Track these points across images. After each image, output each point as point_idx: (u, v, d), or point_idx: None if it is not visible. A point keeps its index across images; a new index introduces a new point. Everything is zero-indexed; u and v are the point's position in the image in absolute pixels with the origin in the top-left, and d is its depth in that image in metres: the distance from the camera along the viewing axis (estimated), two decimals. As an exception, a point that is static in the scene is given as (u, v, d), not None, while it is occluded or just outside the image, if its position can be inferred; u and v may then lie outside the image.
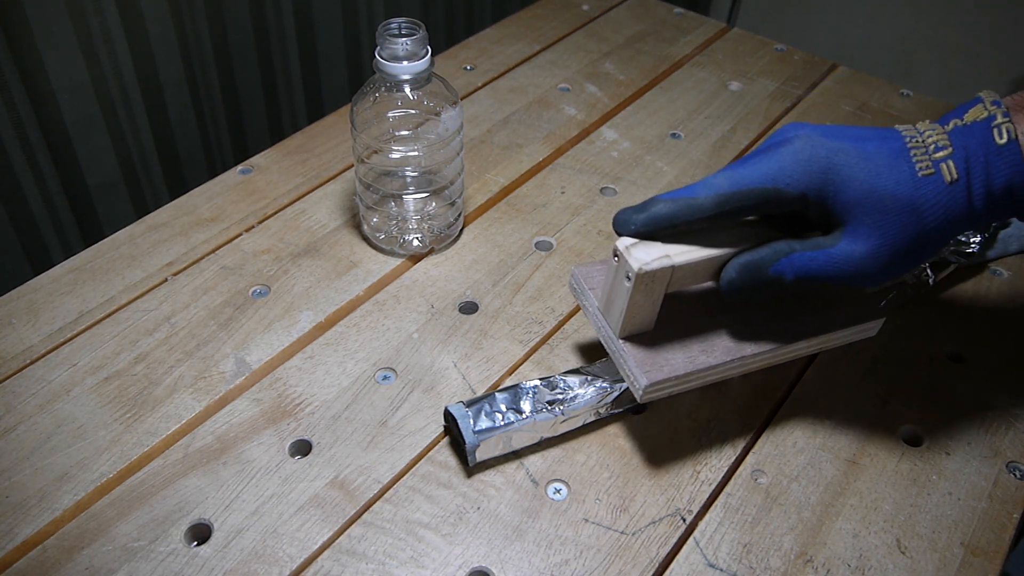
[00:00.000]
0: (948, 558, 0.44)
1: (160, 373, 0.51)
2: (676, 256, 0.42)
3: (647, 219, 0.42)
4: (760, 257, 0.42)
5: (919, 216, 0.40)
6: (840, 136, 0.42)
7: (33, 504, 0.45)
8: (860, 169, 0.40)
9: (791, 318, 0.47)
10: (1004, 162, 0.38)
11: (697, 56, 0.84)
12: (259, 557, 0.43)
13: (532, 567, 0.43)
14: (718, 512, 0.46)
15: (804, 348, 0.47)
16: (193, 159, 0.92)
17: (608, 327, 0.46)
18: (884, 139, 0.41)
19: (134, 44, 0.80)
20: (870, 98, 0.79)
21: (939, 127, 0.41)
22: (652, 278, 0.42)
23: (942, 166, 0.39)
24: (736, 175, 0.42)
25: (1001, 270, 0.61)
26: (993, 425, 0.51)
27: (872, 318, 0.48)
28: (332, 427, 0.49)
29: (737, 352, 0.45)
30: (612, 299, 0.44)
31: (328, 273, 0.59)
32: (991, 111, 0.40)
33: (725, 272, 0.43)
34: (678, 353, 0.45)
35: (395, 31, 0.52)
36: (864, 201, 0.40)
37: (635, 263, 0.41)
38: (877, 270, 0.41)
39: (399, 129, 0.57)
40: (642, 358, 0.44)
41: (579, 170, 0.69)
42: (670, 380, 0.44)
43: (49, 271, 0.58)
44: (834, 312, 0.48)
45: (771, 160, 0.41)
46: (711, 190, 0.41)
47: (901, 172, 0.40)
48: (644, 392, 0.43)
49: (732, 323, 0.47)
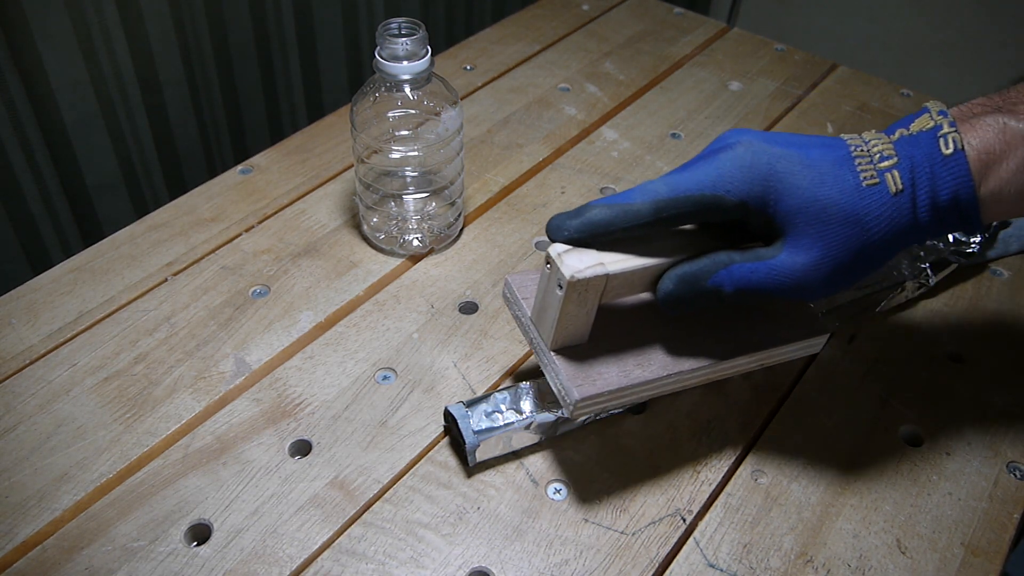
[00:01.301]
0: (948, 558, 0.44)
1: (160, 373, 0.51)
2: (611, 264, 0.40)
3: (581, 224, 0.40)
4: (698, 268, 0.40)
5: (863, 227, 0.38)
6: (783, 143, 0.40)
7: (33, 504, 0.45)
8: (802, 176, 0.39)
9: (732, 332, 0.45)
10: (950, 173, 0.38)
11: (697, 56, 0.84)
12: (259, 557, 0.43)
13: (532, 567, 0.43)
14: (718, 512, 0.46)
15: (745, 364, 0.45)
16: (193, 159, 0.92)
17: (540, 338, 0.43)
18: (828, 147, 0.40)
19: (134, 43, 0.80)
20: (870, 98, 0.79)
21: (885, 136, 0.40)
22: (585, 287, 0.40)
23: (887, 176, 0.38)
24: (675, 181, 0.40)
25: (1001, 270, 0.61)
26: (993, 425, 0.50)
27: (816, 334, 0.46)
28: (332, 427, 0.49)
29: (674, 367, 0.43)
30: (544, 309, 0.42)
31: (328, 273, 0.59)
32: (937, 121, 0.39)
33: (662, 283, 0.41)
34: (612, 367, 0.43)
35: (395, 31, 0.52)
36: (806, 210, 0.39)
37: (567, 270, 0.39)
38: (819, 283, 0.39)
39: (399, 129, 0.57)
40: (574, 372, 0.42)
41: (579, 170, 0.69)
42: (603, 395, 0.42)
43: (49, 271, 0.58)
44: (777, 327, 0.46)
45: (711, 166, 0.40)
46: (648, 196, 0.40)
47: (845, 181, 0.39)
48: (575, 407, 0.41)
49: (670, 336, 0.45)
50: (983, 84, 1.43)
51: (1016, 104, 0.38)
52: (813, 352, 0.48)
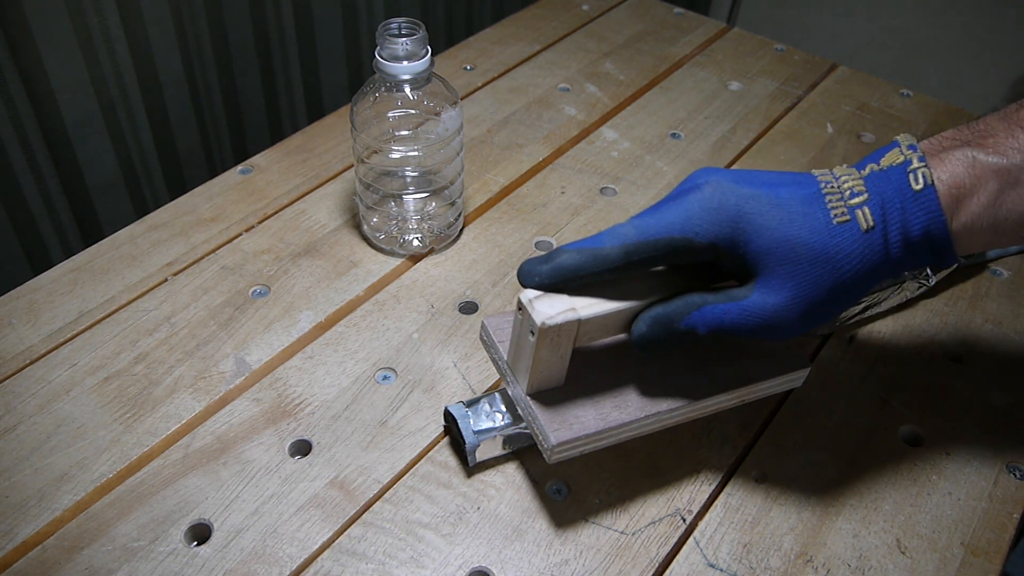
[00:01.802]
0: (948, 558, 0.44)
1: (160, 373, 0.51)
2: (583, 309, 0.39)
3: (552, 271, 0.40)
4: (671, 310, 0.40)
5: (834, 265, 0.38)
6: (752, 182, 0.40)
7: (33, 504, 0.45)
8: (771, 217, 0.39)
9: (711, 370, 0.45)
10: (921, 209, 0.37)
11: (697, 56, 0.84)
12: (259, 557, 0.43)
13: (532, 567, 0.43)
14: (718, 512, 0.46)
15: (725, 401, 0.45)
16: (193, 159, 0.92)
17: (516, 383, 0.43)
18: (798, 184, 0.40)
19: (134, 44, 0.80)
20: (870, 98, 0.79)
21: (856, 172, 0.39)
22: (558, 332, 0.39)
23: (858, 213, 0.38)
24: (644, 224, 0.40)
25: (1001, 270, 0.61)
26: (993, 425, 0.51)
27: (796, 368, 0.46)
28: (332, 427, 0.49)
29: (652, 408, 0.43)
30: (518, 354, 0.42)
31: (328, 273, 0.59)
32: (907, 156, 0.38)
33: (636, 326, 0.41)
34: (589, 410, 0.42)
35: (395, 31, 0.52)
36: (776, 250, 0.38)
37: (538, 317, 0.38)
38: (792, 322, 0.39)
39: (399, 129, 0.57)
40: (551, 416, 0.42)
41: (579, 170, 0.69)
42: (580, 439, 0.41)
43: (49, 271, 0.58)
44: (757, 362, 0.45)
45: (680, 208, 0.40)
46: (618, 240, 0.39)
47: (815, 219, 0.38)
48: (552, 452, 0.41)
49: (647, 377, 0.44)
50: (983, 84, 1.43)
51: (985, 137, 0.38)
52: (795, 386, 0.47)
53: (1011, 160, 0.37)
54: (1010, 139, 0.38)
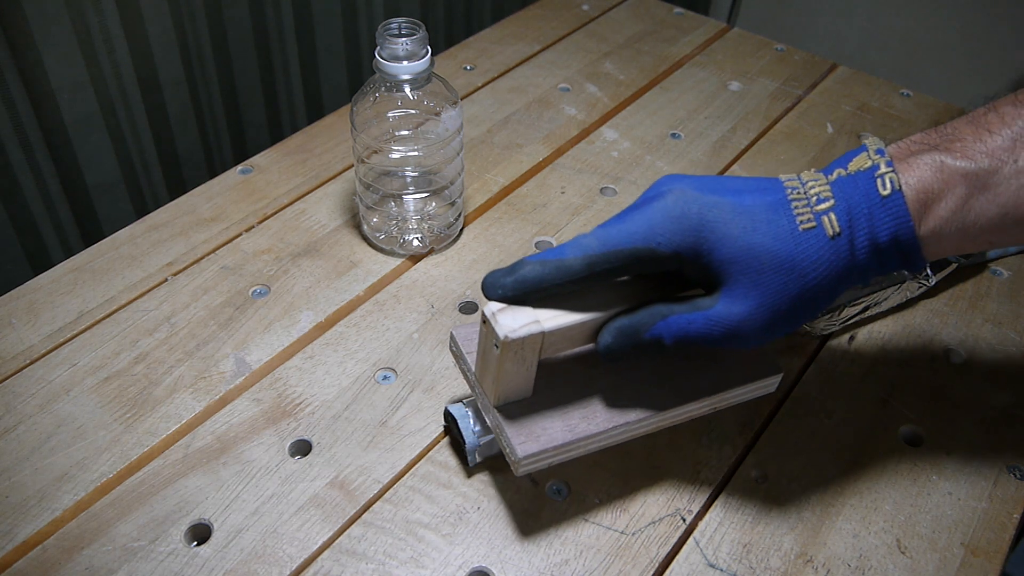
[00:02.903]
0: (948, 558, 0.44)
1: (160, 373, 0.51)
2: (546, 321, 0.39)
3: (514, 283, 0.39)
4: (636, 321, 0.40)
5: (799, 272, 0.37)
6: (716, 190, 0.39)
7: (33, 504, 0.45)
8: (735, 225, 0.38)
9: (681, 378, 0.44)
10: (888, 214, 0.37)
11: (697, 56, 0.84)
12: (259, 557, 0.43)
13: (532, 567, 0.43)
14: (718, 512, 0.46)
15: (695, 410, 0.44)
16: (193, 159, 0.92)
17: (484, 394, 0.43)
18: (763, 191, 0.39)
19: (134, 44, 0.80)
20: (870, 98, 0.79)
21: (823, 177, 0.39)
22: (521, 345, 0.39)
23: (824, 219, 0.37)
24: (606, 235, 0.39)
25: (1001, 270, 0.61)
26: (993, 425, 0.51)
27: (769, 374, 0.45)
28: (332, 427, 0.49)
29: (620, 419, 0.42)
30: (485, 366, 0.41)
31: (328, 273, 0.59)
32: (875, 160, 0.38)
33: (601, 337, 0.40)
34: (557, 421, 0.42)
35: (395, 31, 0.52)
36: (740, 259, 0.38)
37: (501, 330, 0.38)
38: (757, 331, 0.39)
39: (399, 129, 0.57)
40: (517, 429, 0.41)
41: (579, 170, 0.69)
42: (547, 451, 0.41)
43: (49, 271, 0.58)
44: (729, 370, 0.45)
45: (642, 217, 0.39)
46: (580, 251, 0.39)
47: (779, 227, 0.38)
48: (519, 464, 0.41)
49: (616, 386, 0.44)
50: (983, 84, 1.43)
51: (952, 142, 0.38)
52: (768, 392, 0.46)
53: (979, 164, 0.37)
54: (978, 143, 0.37)
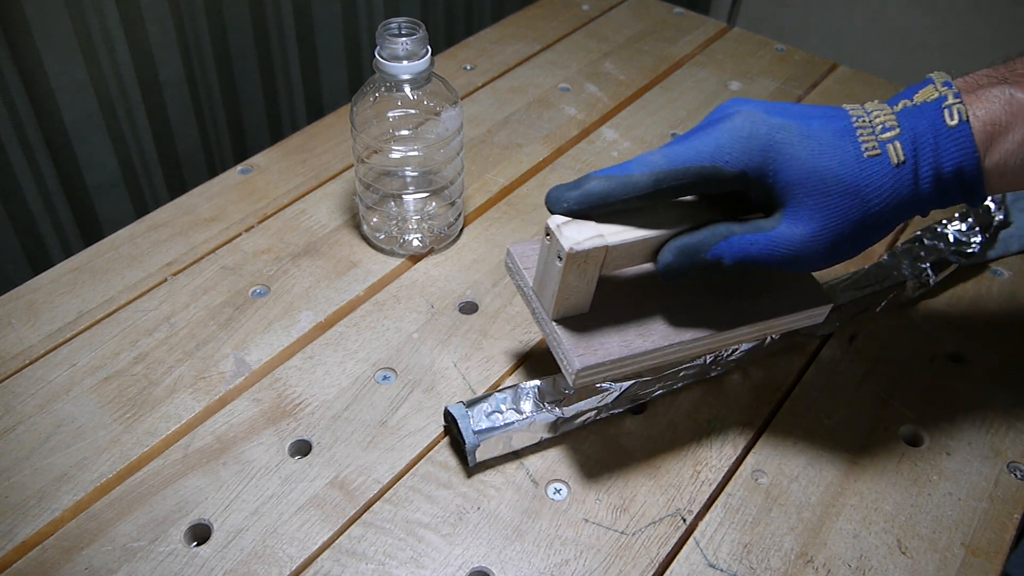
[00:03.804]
0: (949, 558, 0.44)
1: (160, 373, 0.51)
2: (610, 236, 0.40)
3: (580, 196, 0.40)
4: (698, 240, 0.40)
5: (863, 198, 0.38)
6: (783, 113, 0.40)
7: (33, 504, 0.45)
8: (802, 147, 0.38)
9: (734, 302, 0.45)
10: (954, 144, 0.37)
11: (697, 56, 0.84)
12: (259, 557, 0.43)
13: (532, 567, 0.43)
14: (718, 512, 0.46)
15: (747, 333, 0.45)
16: (193, 159, 0.92)
17: (542, 308, 0.44)
18: (829, 117, 0.39)
19: (134, 44, 0.80)
20: (870, 98, 0.78)
21: (887, 107, 0.39)
22: (585, 258, 0.40)
23: (889, 147, 0.38)
24: (673, 152, 0.40)
25: (1001, 270, 0.61)
26: (993, 425, 0.50)
27: (818, 303, 0.46)
28: (332, 427, 0.49)
29: (675, 337, 0.43)
30: (545, 280, 0.42)
31: (328, 273, 0.59)
32: (942, 92, 0.38)
33: (662, 255, 0.41)
34: (613, 337, 0.43)
35: (395, 31, 0.52)
36: (805, 181, 0.38)
37: (566, 242, 0.39)
38: (819, 254, 0.39)
39: (399, 129, 0.57)
40: (575, 341, 0.42)
41: (579, 170, 0.69)
42: (604, 364, 0.42)
43: (49, 271, 0.58)
44: (780, 297, 0.45)
45: (709, 137, 0.39)
46: (647, 167, 0.39)
47: (845, 152, 0.38)
48: (576, 376, 0.42)
49: (671, 307, 0.44)
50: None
51: (1022, 76, 0.38)
52: (816, 322, 0.47)
53: None
54: None
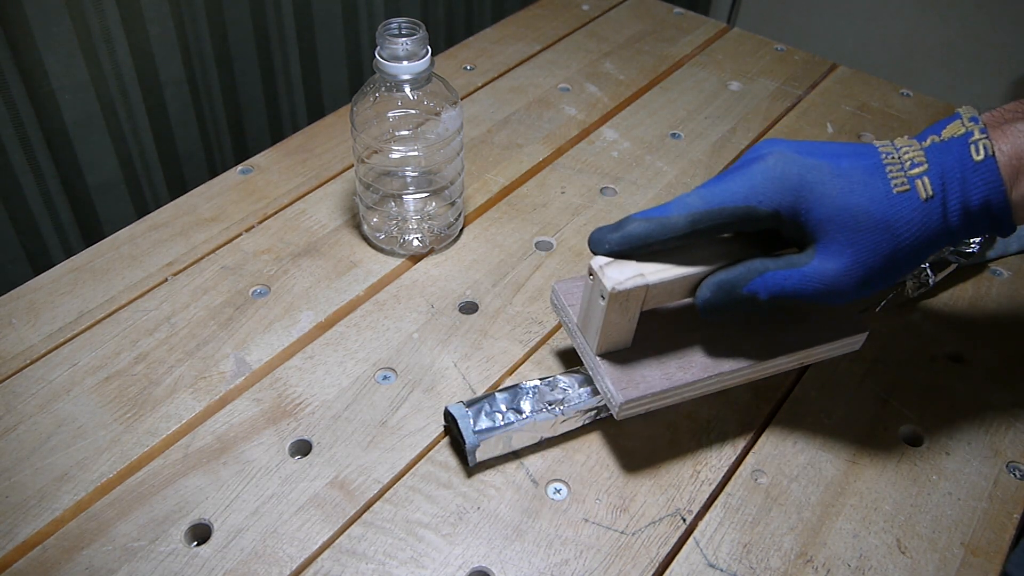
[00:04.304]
0: (948, 558, 0.44)
1: (160, 373, 0.51)
2: (650, 275, 0.42)
3: (621, 238, 0.42)
4: (734, 276, 0.42)
5: (893, 233, 0.39)
6: (814, 153, 0.41)
7: (33, 504, 0.45)
8: (833, 186, 0.40)
9: (771, 333, 0.47)
10: (981, 179, 0.38)
11: (697, 56, 0.84)
12: (259, 557, 0.43)
13: (532, 567, 0.43)
14: (718, 512, 0.46)
15: (784, 363, 0.47)
16: (193, 159, 0.92)
17: (586, 344, 0.46)
18: (859, 155, 0.41)
19: (134, 44, 0.80)
20: (870, 98, 0.79)
21: (916, 143, 0.40)
22: (626, 297, 0.42)
23: (917, 183, 0.39)
24: (709, 194, 0.41)
25: (1001, 270, 0.61)
26: (993, 425, 0.51)
27: (855, 332, 0.48)
28: (332, 427, 0.49)
29: (715, 368, 0.45)
30: (589, 316, 0.44)
31: (328, 273, 0.59)
32: (968, 127, 0.39)
33: (700, 291, 0.43)
34: (655, 370, 0.45)
35: (395, 31, 0.52)
36: (837, 218, 0.40)
37: (608, 282, 0.41)
38: (851, 288, 0.41)
39: (399, 129, 0.57)
40: (618, 375, 0.44)
41: (579, 170, 0.69)
42: (646, 397, 0.44)
43: (49, 271, 0.58)
44: (816, 327, 0.47)
45: (744, 178, 0.41)
46: (684, 209, 0.41)
47: (875, 189, 0.40)
48: (620, 409, 0.43)
49: (710, 339, 0.46)
50: (983, 84, 1.43)
51: None
52: (852, 350, 0.49)
53: None
54: None
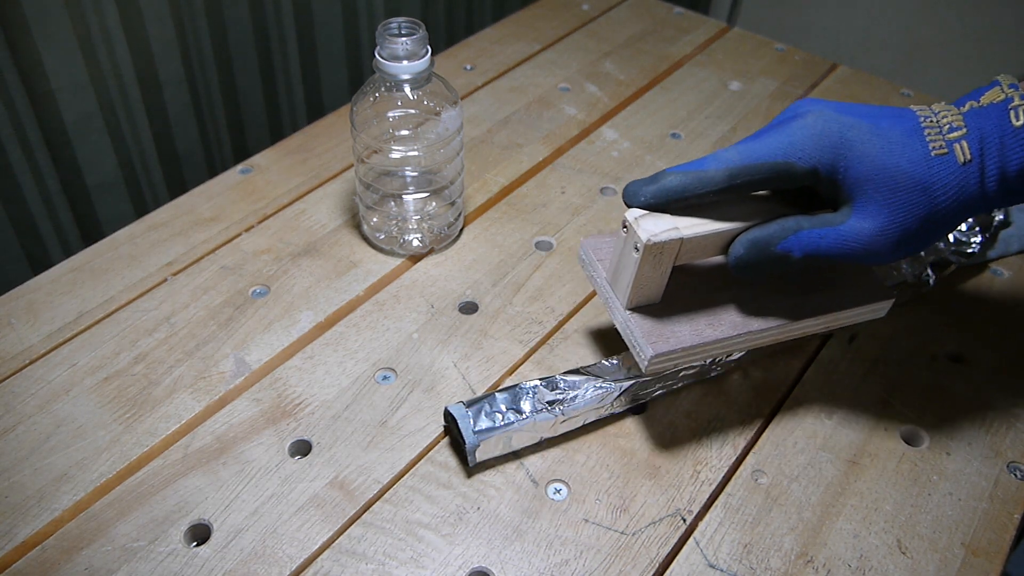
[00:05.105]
0: (949, 558, 0.44)
1: (160, 373, 0.51)
2: (685, 229, 0.42)
3: (657, 191, 0.42)
4: (768, 233, 0.42)
5: (930, 195, 0.39)
6: (854, 112, 0.41)
7: (33, 504, 0.45)
8: (872, 145, 0.40)
9: (800, 295, 0.47)
10: (1020, 144, 0.38)
11: (697, 56, 0.84)
12: (259, 557, 0.43)
13: (532, 567, 0.43)
14: (718, 512, 0.46)
15: (811, 326, 0.47)
16: (193, 159, 0.92)
17: (616, 298, 0.46)
18: (898, 117, 0.41)
19: (134, 43, 0.80)
20: (870, 98, 0.79)
21: (954, 108, 0.41)
22: (660, 250, 0.42)
23: (955, 147, 0.39)
24: (747, 149, 0.41)
25: (1001, 270, 0.61)
26: (993, 425, 0.50)
27: (882, 298, 0.48)
28: (332, 427, 0.49)
29: (744, 327, 0.45)
30: (620, 270, 0.45)
31: (328, 273, 0.59)
32: (1008, 93, 0.39)
33: (733, 247, 0.43)
34: (684, 326, 0.45)
35: (395, 31, 0.52)
36: (875, 177, 0.40)
37: (644, 234, 0.41)
38: (886, 248, 0.41)
39: (399, 129, 0.57)
40: (648, 329, 0.44)
41: (579, 170, 0.69)
42: (676, 352, 0.44)
43: (49, 271, 0.58)
44: (844, 291, 0.47)
45: (783, 134, 0.41)
46: (722, 163, 0.41)
47: (914, 150, 0.40)
48: (649, 362, 0.44)
49: (740, 298, 0.47)
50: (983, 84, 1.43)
51: None
52: (877, 316, 0.49)
53: None
54: None
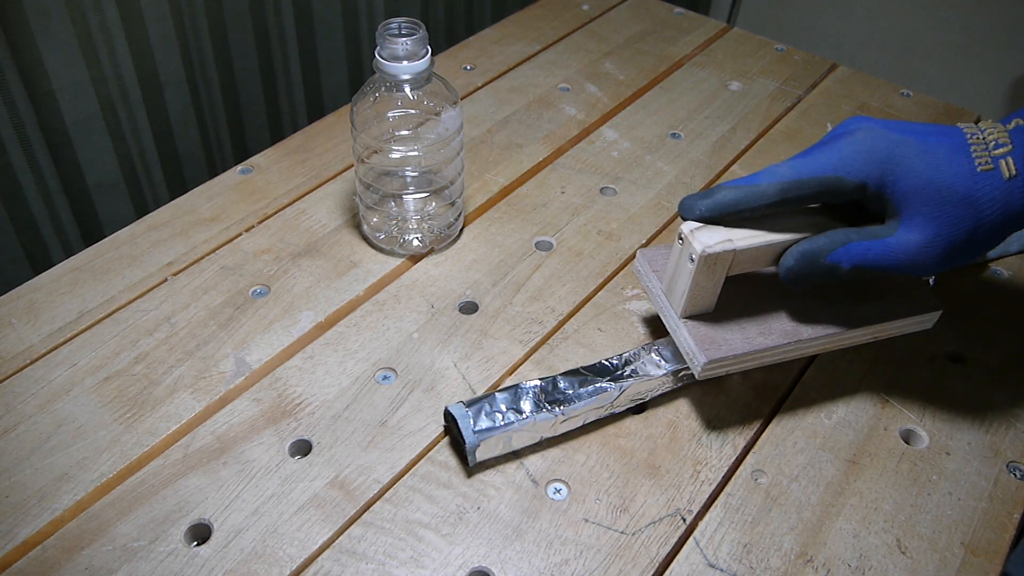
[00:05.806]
0: (948, 558, 0.44)
1: (160, 373, 0.51)
2: (738, 240, 0.44)
3: (712, 205, 0.44)
4: (818, 245, 0.44)
5: (976, 209, 0.41)
6: (902, 129, 0.43)
7: (33, 504, 0.45)
8: (920, 160, 0.42)
9: (849, 307, 0.49)
10: None
11: (697, 56, 0.84)
12: (259, 557, 0.43)
13: (532, 567, 0.43)
14: (718, 512, 0.46)
15: (860, 336, 0.49)
16: (193, 159, 0.92)
17: (670, 307, 0.48)
18: (946, 134, 0.42)
19: (134, 44, 0.80)
20: (870, 98, 0.79)
21: (1000, 126, 0.42)
22: (714, 260, 0.44)
23: (1001, 163, 0.40)
24: (799, 164, 0.43)
25: (1001, 270, 0.61)
26: (993, 425, 0.51)
27: (929, 310, 0.49)
28: (332, 427, 0.49)
29: (794, 335, 0.47)
30: (675, 280, 0.47)
31: (328, 273, 0.59)
32: None
33: (784, 259, 0.45)
34: (736, 334, 0.47)
35: (395, 31, 0.52)
36: (922, 192, 0.41)
37: (699, 246, 0.43)
38: (932, 261, 0.42)
39: (399, 129, 0.57)
40: (702, 337, 0.46)
41: (579, 170, 0.69)
42: (728, 359, 0.46)
43: (49, 271, 0.58)
44: (892, 302, 0.49)
45: (833, 150, 0.43)
46: (774, 178, 0.43)
47: (960, 166, 0.41)
48: (703, 369, 0.46)
49: (790, 308, 0.48)
50: (983, 84, 1.43)
51: None
52: (924, 328, 0.50)
53: None
54: None
